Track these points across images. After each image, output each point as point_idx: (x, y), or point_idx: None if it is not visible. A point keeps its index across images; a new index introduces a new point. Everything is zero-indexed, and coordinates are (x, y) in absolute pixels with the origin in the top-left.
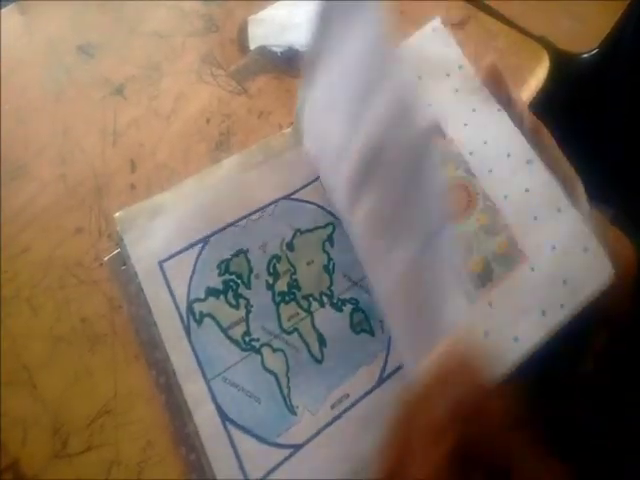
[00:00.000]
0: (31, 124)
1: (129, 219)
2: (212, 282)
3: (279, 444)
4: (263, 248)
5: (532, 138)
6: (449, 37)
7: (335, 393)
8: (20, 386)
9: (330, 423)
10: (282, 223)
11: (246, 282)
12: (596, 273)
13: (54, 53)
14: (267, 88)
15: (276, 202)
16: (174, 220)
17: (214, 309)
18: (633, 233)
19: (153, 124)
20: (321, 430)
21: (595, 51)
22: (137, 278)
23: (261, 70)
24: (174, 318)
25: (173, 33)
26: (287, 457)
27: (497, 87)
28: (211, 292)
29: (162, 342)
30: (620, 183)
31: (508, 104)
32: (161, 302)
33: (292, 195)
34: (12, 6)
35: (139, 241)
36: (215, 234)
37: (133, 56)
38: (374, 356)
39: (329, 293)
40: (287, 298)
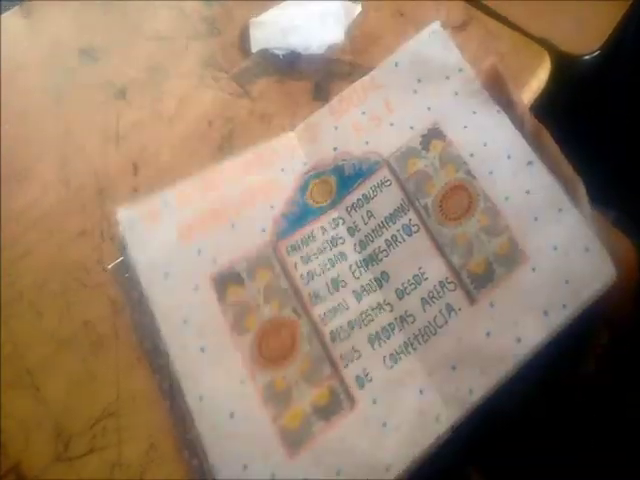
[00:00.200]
0: (33, 127)
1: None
2: None
3: None
4: None
5: (533, 140)
6: (449, 40)
7: None
8: (23, 389)
9: None
10: None
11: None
12: (598, 273)
13: (57, 56)
14: (269, 91)
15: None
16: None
17: None
18: (635, 235)
19: (155, 127)
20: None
21: (597, 53)
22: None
23: (263, 73)
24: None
25: (175, 36)
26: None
27: (498, 89)
28: None
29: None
30: (622, 185)
31: (509, 106)
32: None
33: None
34: (15, 9)
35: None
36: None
37: (136, 59)
38: None
39: None
40: None
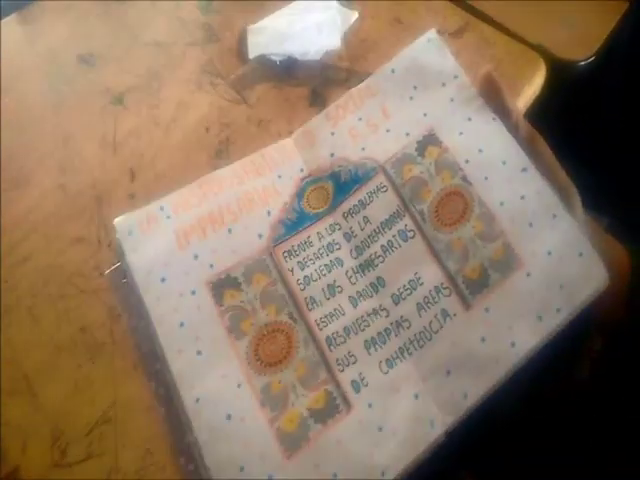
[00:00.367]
0: (32, 133)
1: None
2: None
3: None
4: None
5: (528, 146)
6: (445, 47)
7: None
8: (20, 395)
9: None
10: None
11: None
12: (591, 278)
13: (55, 63)
14: (266, 97)
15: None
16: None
17: None
18: (627, 241)
19: (153, 133)
20: None
21: (591, 59)
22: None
23: (260, 79)
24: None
25: (173, 43)
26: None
27: (493, 96)
28: None
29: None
30: (615, 191)
31: (504, 113)
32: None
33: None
34: (13, 16)
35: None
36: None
37: (133, 66)
38: None
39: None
40: None
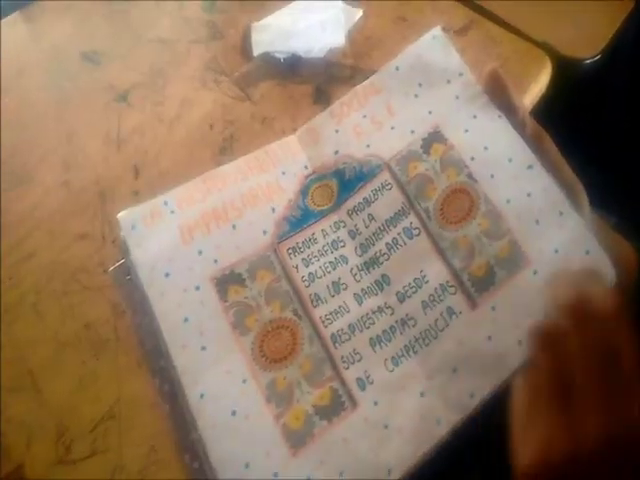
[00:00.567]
0: (35, 130)
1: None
2: None
3: None
4: None
5: (534, 144)
6: (449, 45)
7: None
8: (25, 391)
9: None
10: None
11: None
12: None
13: (59, 60)
14: (270, 94)
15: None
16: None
17: None
18: (635, 239)
19: (157, 130)
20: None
21: (597, 57)
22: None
23: (264, 76)
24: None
25: (177, 40)
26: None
27: (499, 93)
28: None
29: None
30: (621, 190)
31: (510, 110)
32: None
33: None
34: (17, 13)
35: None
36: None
37: (137, 63)
38: None
39: None
40: None
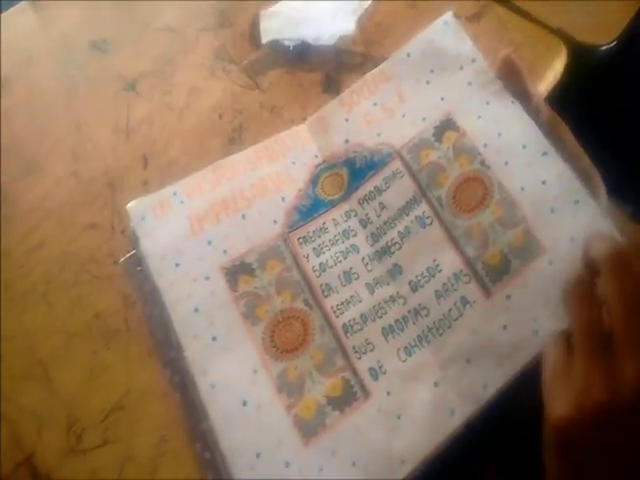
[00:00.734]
0: (45, 120)
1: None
2: None
3: None
4: None
5: (549, 131)
6: (461, 30)
7: None
8: (35, 381)
9: None
10: None
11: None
12: None
13: (67, 49)
14: (279, 83)
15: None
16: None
17: None
18: None
19: (166, 120)
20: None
21: (613, 43)
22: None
23: (273, 64)
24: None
25: (186, 28)
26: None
27: (513, 80)
28: None
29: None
30: (638, 178)
31: (524, 97)
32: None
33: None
34: (25, 2)
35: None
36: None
37: (146, 52)
38: None
39: None
40: None
